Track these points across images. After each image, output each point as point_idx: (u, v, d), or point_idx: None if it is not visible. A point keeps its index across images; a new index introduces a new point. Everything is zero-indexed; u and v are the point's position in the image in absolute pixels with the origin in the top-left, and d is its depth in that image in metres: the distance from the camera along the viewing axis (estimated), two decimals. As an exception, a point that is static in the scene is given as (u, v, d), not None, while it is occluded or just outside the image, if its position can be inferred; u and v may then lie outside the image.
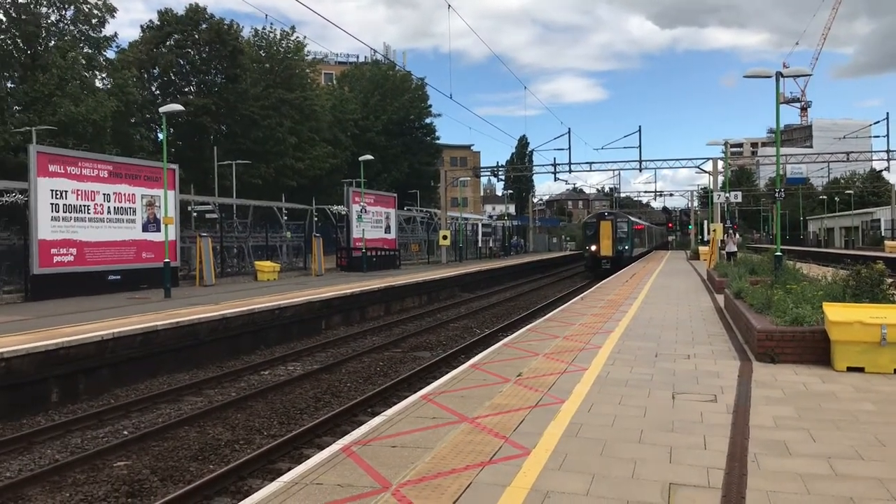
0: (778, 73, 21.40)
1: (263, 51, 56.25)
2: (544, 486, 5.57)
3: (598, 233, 47.51)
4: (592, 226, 49.04)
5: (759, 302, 13.39)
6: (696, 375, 9.84)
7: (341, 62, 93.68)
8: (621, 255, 47.16)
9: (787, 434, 6.95)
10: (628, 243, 48.87)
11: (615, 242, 47.17)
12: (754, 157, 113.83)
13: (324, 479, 5.82)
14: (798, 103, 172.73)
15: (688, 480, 5.68)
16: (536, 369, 10.29)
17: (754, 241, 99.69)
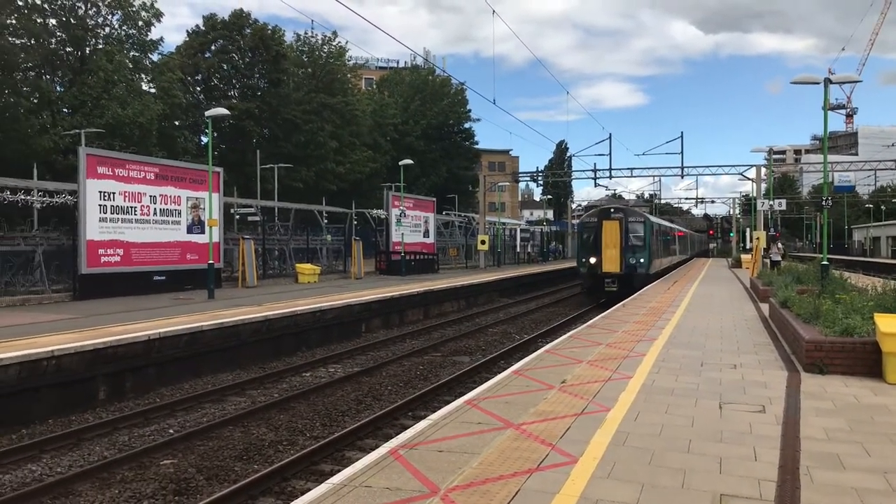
0: (826, 80, 21.06)
1: (306, 55, 56.83)
2: (593, 494, 5.54)
3: (600, 238, 32.33)
4: (591, 227, 33.34)
5: (806, 311, 13.16)
6: (742, 385, 9.71)
7: (381, 67, 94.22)
8: (634, 272, 31.94)
9: (839, 447, 6.82)
10: (644, 254, 32.53)
11: (625, 253, 32.00)
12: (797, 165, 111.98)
13: (372, 481, 5.85)
14: (843, 110, 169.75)
15: (739, 492, 5.60)
16: (580, 376, 10.24)
17: (797, 249, 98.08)
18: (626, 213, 33.57)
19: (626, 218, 32.76)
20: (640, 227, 32.72)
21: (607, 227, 32.47)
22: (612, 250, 32.11)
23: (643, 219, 33.32)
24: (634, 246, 32.24)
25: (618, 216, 32.83)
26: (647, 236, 32.63)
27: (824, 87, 21.06)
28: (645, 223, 32.93)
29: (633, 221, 32.79)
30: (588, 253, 32.74)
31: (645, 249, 32.39)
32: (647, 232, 32.68)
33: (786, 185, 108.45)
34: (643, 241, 32.40)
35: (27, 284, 22.72)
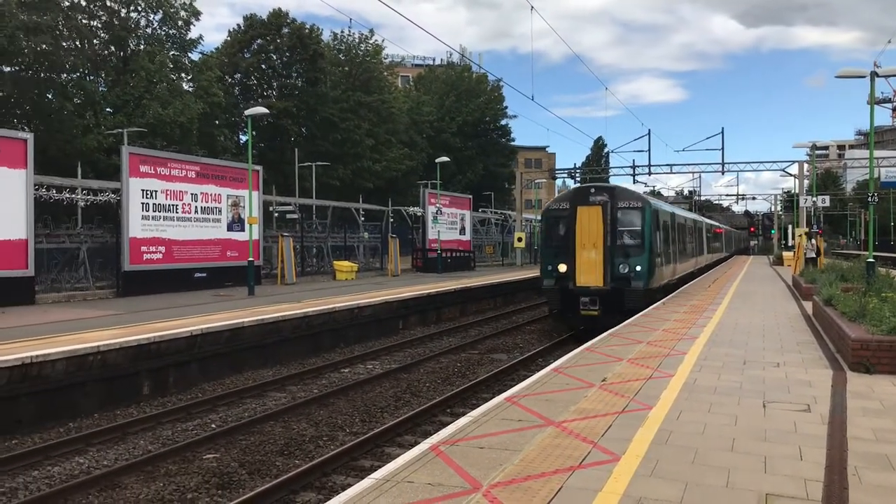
0: (872, 73, 20.64)
1: (343, 54, 57.15)
2: (636, 492, 5.50)
3: (574, 233, 21.15)
4: (561, 218, 21.79)
5: (851, 310, 12.90)
6: (786, 384, 9.56)
7: (418, 65, 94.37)
8: (625, 288, 20.63)
9: (888, 448, 6.69)
10: (642, 259, 20.96)
11: (612, 256, 20.84)
12: (841, 160, 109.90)
13: (414, 477, 5.87)
14: (890, 104, 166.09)
15: (785, 492, 5.52)
16: (621, 374, 10.17)
17: (840, 246, 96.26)
18: (613, 195, 21.19)
19: (614, 203, 20.83)
20: (636, 216, 20.94)
21: (584, 216, 20.74)
22: (590, 253, 20.53)
23: (641, 204, 21.15)
24: (627, 246, 20.66)
25: (600, 199, 20.86)
26: (648, 231, 20.87)
27: (870, 81, 20.65)
28: (644, 211, 20.93)
29: (624, 208, 20.94)
30: (555, 257, 21.13)
31: (643, 252, 20.66)
32: (647, 225, 20.88)
33: (829, 181, 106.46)
34: (641, 238, 20.79)
35: (72, 281, 23.20)
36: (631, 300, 20.09)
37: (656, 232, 21.67)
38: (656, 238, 21.71)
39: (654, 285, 21.67)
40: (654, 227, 21.38)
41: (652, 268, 21.14)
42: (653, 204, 22.23)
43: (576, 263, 20.64)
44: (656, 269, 21.78)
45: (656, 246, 21.76)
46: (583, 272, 20.60)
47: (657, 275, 21.96)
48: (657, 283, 22.28)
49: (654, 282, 21.55)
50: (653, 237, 21.12)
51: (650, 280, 21.01)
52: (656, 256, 21.82)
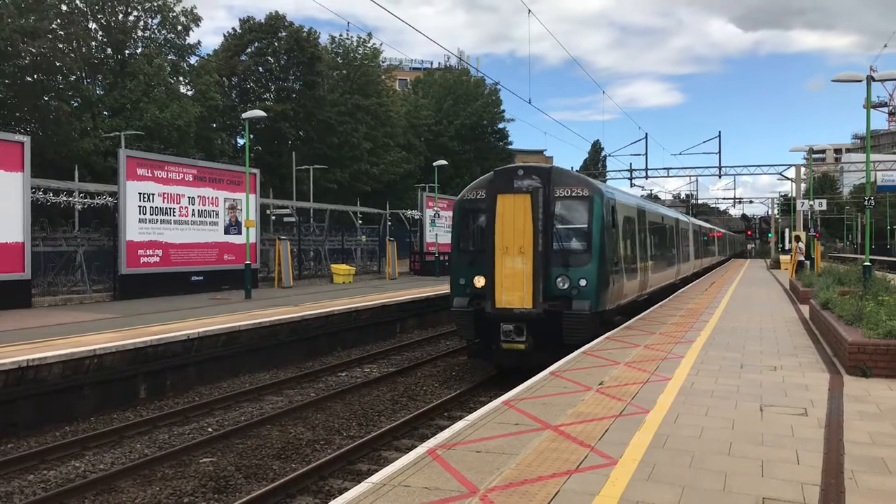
0: (869, 77, 20.69)
1: (340, 57, 57.15)
2: (633, 496, 5.49)
3: (492, 232, 14.96)
4: (479, 212, 15.66)
5: (848, 313, 12.92)
6: (783, 388, 9.56)
7: (416, 68, 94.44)
8: (565, 310, 14.63)
9: (885, 451, 6.69)
10: (590, 269, 14.93)
11: (544, 265, 14.74)
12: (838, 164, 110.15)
13: (411, 481, 5.86)
14: (886, 108, 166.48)
15: (782, 496, 5.52)
16: (618, 378, 10.17)
17: (837, 250, 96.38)
18: (548, 179, 15.06)
19: (550, 190, 15.03)
20: (582, 209, 15.23)
21: (507, 208, 14.89)
22: (514, 261, 14.71)
23: (588, 192, 15.31)
24: (568, 252, 15.01)
25: (528, 185, 14.90)
26: (598, 230, 15.13)
27: (867, 85, 20.69)
28: (591, 202, 15.17)
29: (565, 198, 15.21)
30: (469, 266, 15.38)
31: (591, 259, 14.95)
32: (597, 221, 15.17)
33: (826, 184, 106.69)
34: (588, 240, 15.10)
35: (68, 284, 23.15)
36: (572, 328, 14.32)
37: (611, 231, 15.68)
38: (611, 240, 15.69)
39: (607, 306, 15.44)
40: (609, 224, 15.53)
41: (604, 281, 15.04)
42: (606, 193, 16.20)
43: (494, 275, 14.52)
44: (611, 283, 15.64)
45: (610, 251, 15.67)
46: (504, 288, 14.46)
47: (612, 291, 15.83)
48: (613, 301, 16.02)
49: (607, 301, 15.37)
50: (604, 239, 15.15)
51: (601, 299, 14.91)
52: (611, 266, 15.70)
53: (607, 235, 15.39)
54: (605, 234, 15.21)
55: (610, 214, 15.79)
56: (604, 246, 15.13)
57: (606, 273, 15.31)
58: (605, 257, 15.22)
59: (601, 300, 14.98)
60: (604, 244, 15.14)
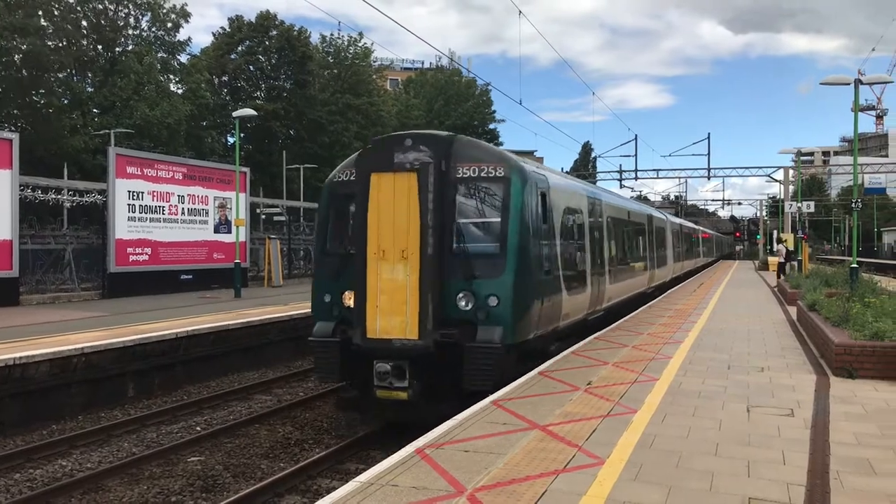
0: (857, 81, 20.82)
1: (331, 57, 57.11)
2: (620, 496, 5.52)
3: (365, 227, 10.38)
4: (349, 199, 11.03)
5: (835, 315, 13.01)
6: (770, 389, 9.62)
7: (407, 68, 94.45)
8: (467, 343, 9.95)
9: (870, 452, 6.74)
10: (506, 282, 10.26)
11: (450, 276, 10.30)
12: (826, 167, 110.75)
13: (399, 480, 5.87)
14: (874, 111, 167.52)
15: (768, 496, 5.56)
16: (606, 378, 10.20)
17: (824, 252, 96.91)
18: (448, 152, 10.74)
19: (448, 167, 10.68)
20: (496, 194, 10.83)
21: (384, 192, 10.50)
22: (393, 269, 10.34)
23: (503, 172, 10.85)
24: (472, 256, 10.62)
25: (416, 159, 10.43)
26: (518, 225, 10.70)
27: (854, 89, 20.81)
28: (509, 184, 10.77)
29: (471, 179, 10.84)
30: (335, 277, 11.18)
31: (507, 267, 10.45)
32: (517, 210, 10.73)
33: (814, 187, 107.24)
34: (502, 239, 10.67)
35: (57, 282, 23.07)
36: (477, 367, 9.94)
37: (540, 227, 11.40)
38: (540, 239, 11.38)
39: (532, 332, 11.06)
40: (536, 216, 11.22)
41: (526, 298, 10.71)
42: (534, 173, 11.54)
43: (366, 292, 10.25)
44: (539, 300, 11.19)
45: (539, 255, 11.27)
46: (380, 311, 10.18)
47: (542, 311, 11.36)
48: (543, 325, 11.58)
49: (532, 325, 10.98)
50: (528, 237, 10.81)
51: (522, 323, 10.56)
52: (539, 275, 11.29)
53: (534, 233, 11.01)
54: (529, 230, 10.78)
55: (539, 203, 11.42)
56: (526, 248, 10.63)
57: (531, 286, 10.81)
58: (529, 264, 10.74)
59: (522, 325, 10.47)
60: (526, 245, 10.64)
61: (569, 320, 13.43)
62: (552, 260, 12.10)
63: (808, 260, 36.81)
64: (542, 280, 11.45)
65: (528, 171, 11.32)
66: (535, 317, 11.05)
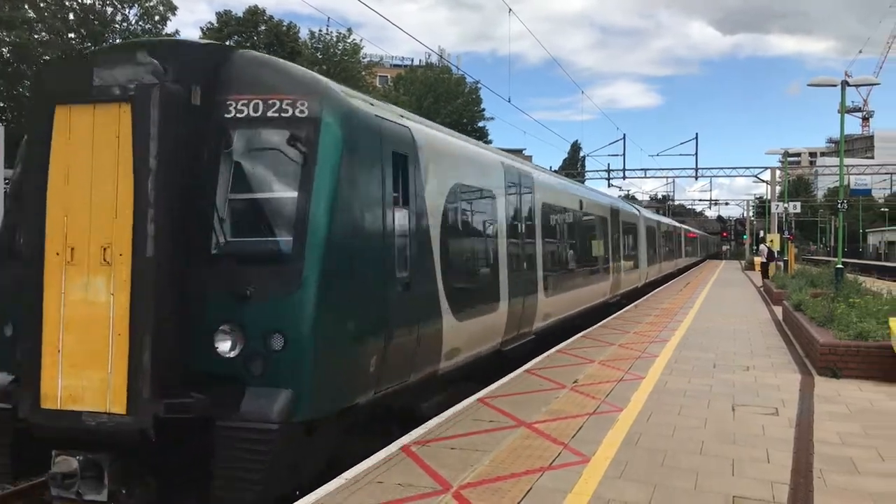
0: (843, 82, 20.93)
1: (320, 53, 56.92)
2: (605, 494, 5.53)
3: (43, 204, 5.98)
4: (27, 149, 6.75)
5: (820, 315, 13.10)
6: (755, 388, 9.67)
7: (396, 65, 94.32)
8: (219, 423, 5.70)
9: (853, 451, 6.79)
10: (304, 303, 5.97)
11: (207, 288, 6.06)
12: (812, 167, 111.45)
13: (385, 477, 5.87)
14: (860, 113, 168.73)
15: (752, 494, 5.59)
16: (592, 376, 10.23)
17: (810, 252, 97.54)
18: (211, 71, 6.43)
19: (211, 99, 6.35)
20: (299, 143, 6.26)
21: (81, 132, 5.93)
22: (89, 283, 5.85)
23: (314, 111, 6.35)
24: (240, 260, 6.22)
25: (135, 76, 5.89)
26: (330, 199, 6.28)
27: (841, 90, 20.91)
28: (321, 132, 6.33)
29: (250, 121, 6.40)
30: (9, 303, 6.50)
31: (306, 277, 6.05)
32: (337, 179, 6.37)
33: (800, 187, 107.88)
34: (298, 226, 6.17)
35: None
36: (232, 466, 5.73)
37: (385, 211, 7.32)
38: (381, 228, 7.26)
39: (359, 393, 6.81)
40: (383, 191, 7.29)
41: (343, 333, 6.45)
42: (367, 116, 7.33)
43: (42, 326, 5.94)
44: (376, 334, 6.97)
45: (377, 255, 7.21)
46: (65, 359, 5.89)
47: (387, 353, 7.09)
48: (395, 377, 7.46)
49: (359, 381, 6.78)
50: (351, 223, 6.74)
51: (332, 380, 6.37)
52: (382, 289, 7.18)
53: (369, 219, 7.03)
54: (355, 213, 6.78)
55: (393, 170, 7.49)
56: (347, 243, 6.58)
57: (360, 311, 6.75)
58: (355, 271, 6.72)
59: (335, 384, 6.42)
60: (347, 239, 6.60)
61: (460, 357, 9.18)
62: (421, 264, 7.95)
63: (794, 260, 37.04)
64: (392, 298, 7.20)
65: (364, 114, 7.12)
66: (372, 364, 6.75)
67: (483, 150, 12.46)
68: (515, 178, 12.37)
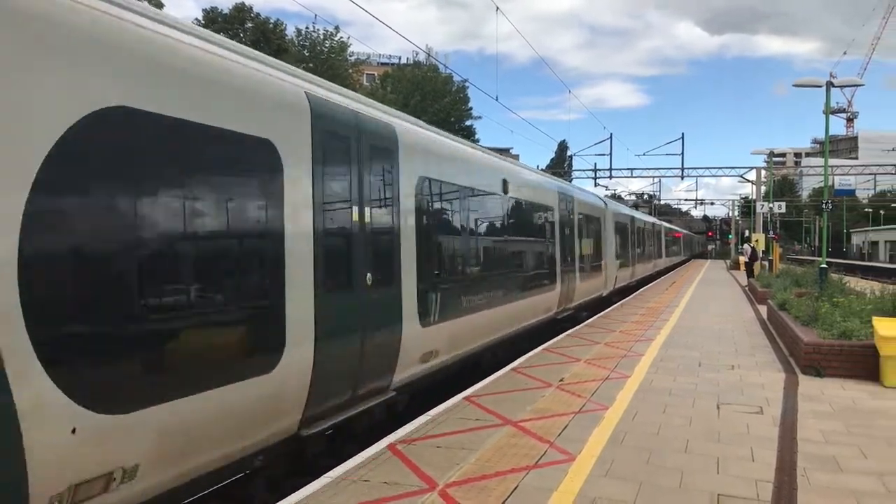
0: (828, 83, 21.06)
1: (307, 50, 56.79)
2: (591, 492, 5.55)
3: None
4: None
5: (804, 314, 13.19)
6: (740, 387, 9.71)
7: (384, 63, 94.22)
8: None
9: (836, 449, 6.83)
10: None
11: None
12: (797, 168, 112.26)
13: (371, 476, 5.86)
14: (844, 114, 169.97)
15: (736, 492, 5.61)
16: (578, 375, 10.25)
17: (795, 252, 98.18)
18: None
19: None
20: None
21: None
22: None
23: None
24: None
25: None
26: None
27: (826, 91, 21.05)
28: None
29: None
30: None
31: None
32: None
33: (785, 187, 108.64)
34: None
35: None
36: None
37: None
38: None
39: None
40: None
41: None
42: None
43: None
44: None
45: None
46: None
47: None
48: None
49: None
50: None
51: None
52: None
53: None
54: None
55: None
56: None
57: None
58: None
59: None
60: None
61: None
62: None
63: (779, 260, 37.28)
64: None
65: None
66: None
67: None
68: (357, 123, 7.76)
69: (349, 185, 7.40)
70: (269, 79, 6.41)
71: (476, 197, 11.50)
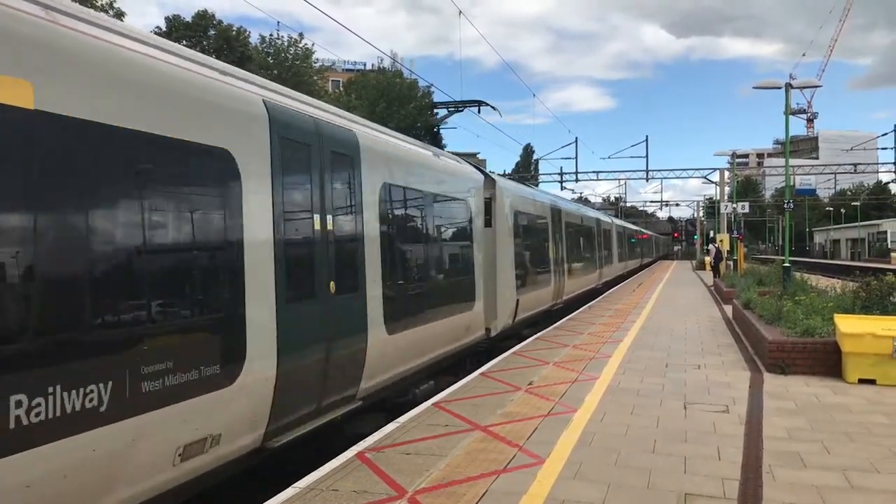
0: (787, 85, 21.43)
1: (271, 57, 56.48)
2: (560, 494, 5.56)
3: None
4: None
5: (768, 313, 13.37)
6: (707, 386, 9.82)
7: (349, 69, 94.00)
8: None
9: (800, 446, 6.93)
10: None
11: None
12: (760, 168, 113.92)
13: (339, 485, 5.82)
14: (804, 114, 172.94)
15: (703, 491, 5.67)
16: (547, 378, 10.28)
17: (760, 251, 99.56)
18: None
19: None
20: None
21: None
22: None
23: None
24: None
25: None
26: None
27: (786, 92, 21.42)
28: None
29: None
30: None
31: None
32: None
33: (749, 188, 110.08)
34: None
35: None
36: None
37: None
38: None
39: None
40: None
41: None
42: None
43: None
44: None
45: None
46: None
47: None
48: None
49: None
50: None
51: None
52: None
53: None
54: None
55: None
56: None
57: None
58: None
59: None
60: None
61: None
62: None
63: (744, 259, 37.77)
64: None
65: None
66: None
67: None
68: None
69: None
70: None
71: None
